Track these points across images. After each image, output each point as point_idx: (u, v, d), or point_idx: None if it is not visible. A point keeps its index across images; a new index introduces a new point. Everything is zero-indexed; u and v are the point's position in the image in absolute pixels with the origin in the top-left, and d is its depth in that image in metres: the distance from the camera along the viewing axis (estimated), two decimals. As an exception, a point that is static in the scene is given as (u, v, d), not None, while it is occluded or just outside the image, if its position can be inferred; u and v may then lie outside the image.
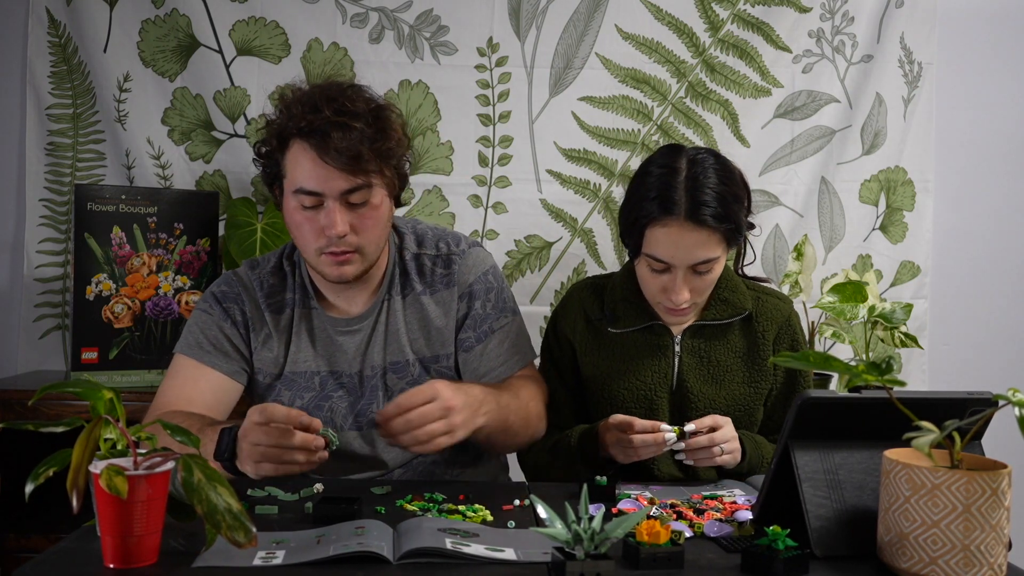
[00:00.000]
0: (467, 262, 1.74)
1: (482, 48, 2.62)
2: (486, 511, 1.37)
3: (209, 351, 1.67)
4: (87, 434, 1.09)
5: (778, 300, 1.83)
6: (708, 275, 1.68)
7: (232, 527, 1.06)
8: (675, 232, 1.63)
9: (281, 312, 1.71)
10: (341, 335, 1.70)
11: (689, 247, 1.63)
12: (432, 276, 1.73)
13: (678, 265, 1.65)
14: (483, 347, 1.71)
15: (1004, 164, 2.80)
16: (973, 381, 2.60)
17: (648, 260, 1.68)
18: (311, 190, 1.56)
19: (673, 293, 1.67)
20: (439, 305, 1.72)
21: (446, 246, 1.75)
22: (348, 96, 1.57)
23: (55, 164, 2.57)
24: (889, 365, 1.14)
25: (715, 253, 1.66)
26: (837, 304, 2.21)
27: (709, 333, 1.77)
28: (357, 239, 1.59)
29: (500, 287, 1.77)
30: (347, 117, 1.54)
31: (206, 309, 1.71)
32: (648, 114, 2.66)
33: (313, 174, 1.55)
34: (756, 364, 1.77)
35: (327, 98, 1.55)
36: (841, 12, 2.69)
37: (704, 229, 1.63)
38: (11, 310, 2.59)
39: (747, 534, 1.29)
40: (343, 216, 1.56)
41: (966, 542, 1.08)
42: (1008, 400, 1.09)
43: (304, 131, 1.54)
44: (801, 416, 1.22)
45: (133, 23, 2.55)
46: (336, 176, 1.54)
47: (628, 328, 1.77)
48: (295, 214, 1.60)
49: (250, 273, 1.74)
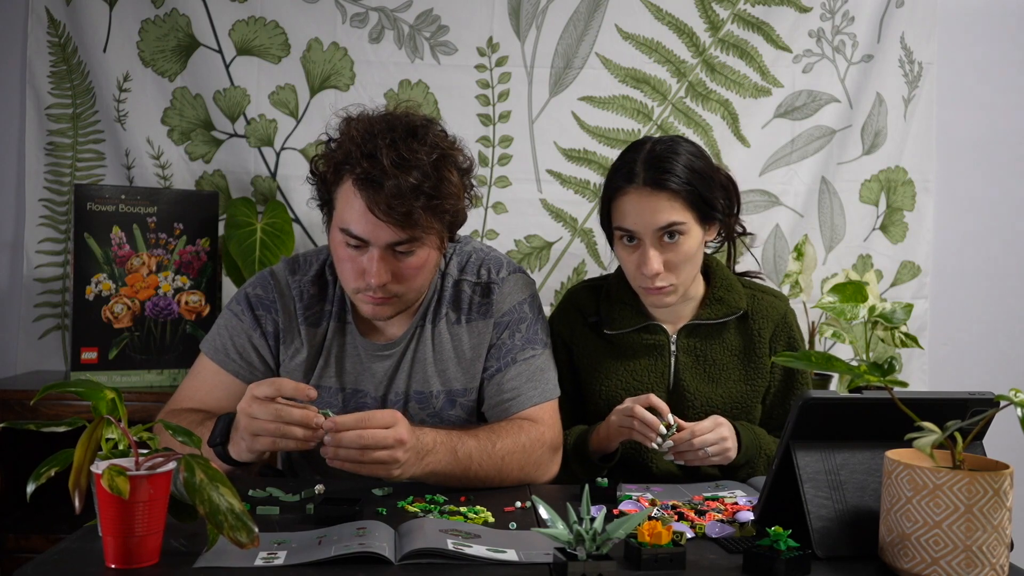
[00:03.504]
0: (504, 290, 1.69)
1: (482, 48, 2.62)
2: (487, 512, 1.37)
3: (234, 359, 1.65)
4: (89, 434, 1.09)
5: (774, 298, 1.83)
6: (679, 247, 1.67)
7: (234, 527, 1.06)
8: (634, 198, 1.66)
9: (317, 325, 1.67)
10: (373, 360, 1.67)
11: (649, 211, 1.65)
12: (469, 305, 1.68)
13: (643, 232, 1.66)
14: (501, 376, 1.66)
15: (1004, 164, 2.80)
16: (974, 381, 2.61)
17: (619, 235, 1.70)
18: (357, 235, 1.52)
19: (644, 265, 1.66)
20: (472, 336, 1.67)
21: (487, 273, 1.70)
22: (411, 144, 1.50)
23: (55, 164, 2.57)
24: (891, 365, 1.14)
25: (678, 218, 1.65)
26: (837, 304, 2.20)
27: (705, 332, 1.78)
28: (397, 287, 1.55)
29: (535, 318, 1.71)
30: (404, 170, 1.47)
31: (238, 314, 1.67)
32: (648, 114, 2.66)
33: (360, 220, 1.50)
34: (752, 362, 1.78)
35: (389, 143, 1.49)
36: (841, 12, 2.69)
37: (663, 192, 1.64)
38: (11, 310, 2.59)
39: (749, 535, 1.29)
40: (385, 266, 1.52)
41: (968, 543, 1.08)
42: (1010, 400, 1.10)
43: (359, 177, 1.49)
44: (802, 417, 1.22)
45: (133, 23, 2.55)
46: (384, 228, 1.50)
47: (624, 329, 1.77)
48: (339, 248, 1.56)
49: (290, 279, 1.68)
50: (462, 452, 1.49)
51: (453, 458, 1.48)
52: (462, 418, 1.68)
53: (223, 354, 1.65)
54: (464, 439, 1.50)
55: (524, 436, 1.58)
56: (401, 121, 1.55)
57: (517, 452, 1.55)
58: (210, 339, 1.68)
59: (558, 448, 1.66)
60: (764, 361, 1.78)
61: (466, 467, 1.49)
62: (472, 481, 1.51)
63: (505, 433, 1.56)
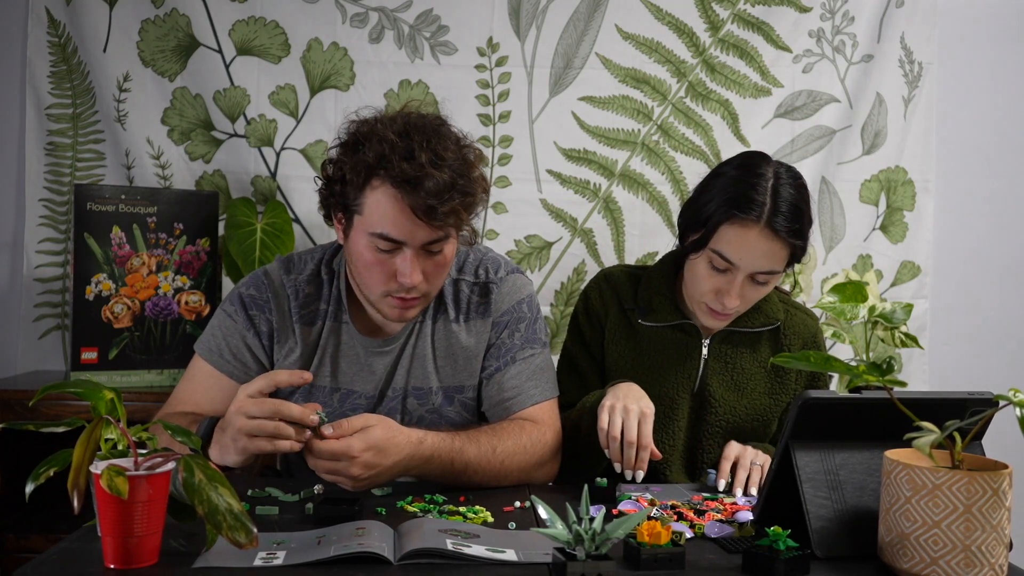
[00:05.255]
0: (502, 290, 1.69)
1: (482, 48, 2.62)
2: (487, 512, 1.37)
3: (228, 360, 1.65)
4: (88, 434, 1.09)
5: (806, 316, 1.84)
6: (763, 287, 1.67)
7: (233, 528, 1.06)
8: (752, 236, 1.61)
9: (312, 324, 1.66)
10: (372, 356, 1.66)
11: (759, 254, 1.62)
12: (468, 304, 1.68)
13: (742, 269, 1.63)
14: (501, 375, 1.66)
15: (1004, 164, 2.80)
16: (973, 381, 2.61)
17: (712, 257, 1.65)
18: (394, 238, 1.50)
19: (727, 296, 1.65)
20: (471, 335, 1.68)
21: (485, 273, 1.70)
22: (442, 143, 1.50)
23: (55, 164, 2.57)
24: (890, 365, 1.14)
25: (778, 267, 1.65)
26: (837, 304, 2.20)
27: (738, 340, 1.77)
28: (426, 286, 1.56)
29: (533, 317, 1.71)
30: (439, 168, 1.47)
31: (231, 314, 1.66)
32: (648, 114, 2.66)
33: (398, 222, 1.49)
34: (779, 377, 1.78)
35: (423, 142, 1.48)
36: (841, 12, 2.69)
37: (778, 240, 1.62)
38: (11, 310, 2.59)
39: (748, 535, 1.29)
40: (418, 266, 1.52)
41: (967, 542, 1.08)
42: (1009, 400, 1.09)
43: (397, 179, 1.47)
44: (802, 416, 1.22)
45: (133, 23, 2.55)
46: (422, 228, 1.49)
47: (659, 323, 1.76)
48: (366, 253, 1.54)
49: (284, 278, 1.67)
50: (458, 463, 1.50)
51: (449, 469, 1.49)
52: (461, 415, 1.68)
53: (217, 355, 1.65)
54: (465, 449, 1.50)
55: (526, 437, 1.58)
56: (424, 120, 1.54)
57: (519, 454, 1.56)
58: (204, 340, 1.67)
59: (558, 448, 1.65)
60: (790, 377, 1.78)
61: (462, 474, 1.51)
62: (470, 485, 1.52)
63: (506, 435, 1.56)
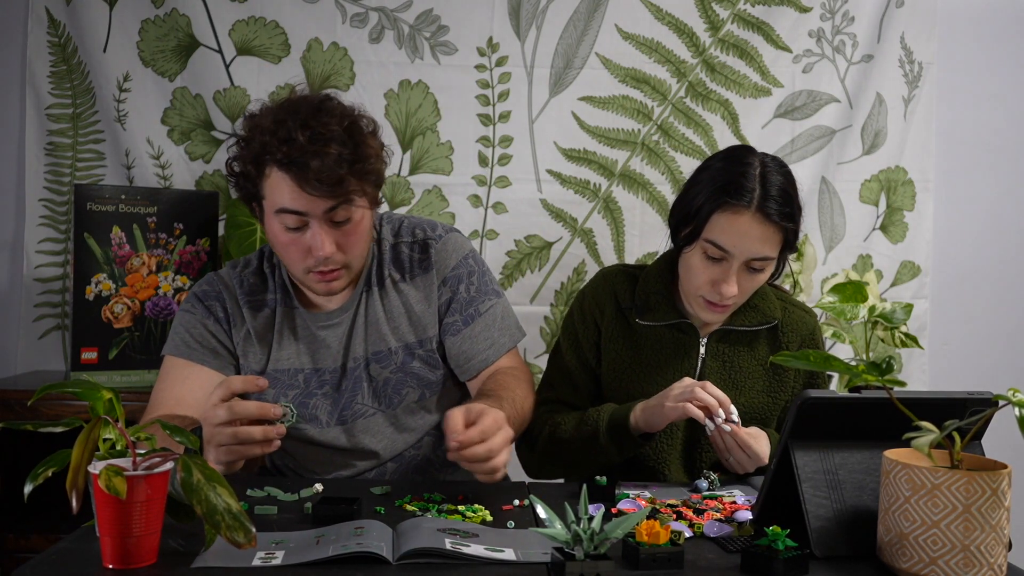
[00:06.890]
0: (446, 247, 1.77)
1: (482, 48, 2.62)
2: (485, 511, 1.37)
3: (196, 348, 1.68)
4: (86, 434, 1.09)
5: (804, 313, 1.84)
6: (758, 275, 1.67)
7: (231, 527, 1.06)
8: (744, 221, 1.62)
9: (261, 310, 1.72)
10: (323, 329, 1.72)
11: (753, 239, 1.62)
12: (410, 263, 1.76)
13: (736, 256, 1.63)
14: (470, 330, 1.73)
15: (1004, 164, 2.79)
16: (973, 381, 2.61)
17: (706, 247, 1.65)
18: (295, 210, 1.57)
19: (723, 284, 1.64)
20: (419, 290, 1.75)
21: (422, 232, 1.78)
22: (321, 119, 1.55)
23: (55, 164, 2.57)
24: (889, 365, 1.14)
25: (772, 252, 1.65)
26: (837, 304, 2.20)
27: (735, 339, 1.77)
28: (343, 256, 1.62)
29: (482, 270, 1.79)
30: (322, 143, 1.53)
31: (189, 309, 1.72)
32: (648, 114, 2.66)
33: (294, 195, 1.55)
34: (778, 375, 1.78)
35: (300, 123, 1.54)
36: (841, 12, 2.69)
37: (770, 224, 1.62)
38: (11, 310, 2.59)
39: (747, 534, 1.29)
40: (328, 237, 1.58)
41: (966, 542, 1.08)
42: (1008, 400, 1.09)
43: (282, 162, 1.54)
44: (801, 416, 1.22)
45: (133, 23, 2.55)
46: (316, 198, 1.55)
47: (657, 322, 1.76)
48: (280, 235, 1.61)
49: (231, 272, 1.76)
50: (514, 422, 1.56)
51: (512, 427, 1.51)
52: (426, 366, 1.73)
53: (185, 347, 1.69)
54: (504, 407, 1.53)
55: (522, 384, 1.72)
56: (304, 102, 1.60)
57: (528, 397, 1.71)
58: (170, 341, 1.72)
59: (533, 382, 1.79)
60: (789, 375, 1.78)
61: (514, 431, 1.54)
62: None
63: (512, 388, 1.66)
